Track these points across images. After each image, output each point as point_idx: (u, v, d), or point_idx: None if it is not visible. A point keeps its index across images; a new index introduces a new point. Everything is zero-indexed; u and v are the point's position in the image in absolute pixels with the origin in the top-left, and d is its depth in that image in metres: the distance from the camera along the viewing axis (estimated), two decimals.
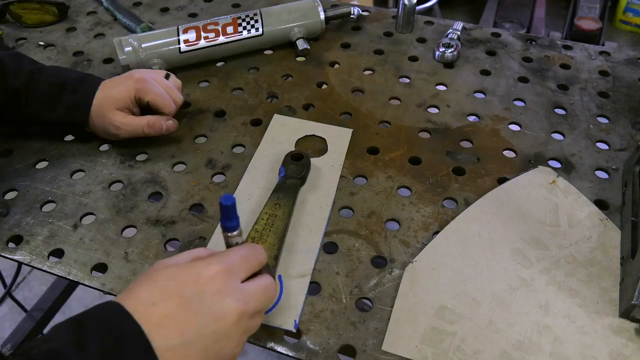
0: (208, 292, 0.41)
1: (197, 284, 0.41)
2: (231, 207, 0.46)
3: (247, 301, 0.43)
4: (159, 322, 0.39)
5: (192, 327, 0.40)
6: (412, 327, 0.54)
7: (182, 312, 0.40)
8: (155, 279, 0.42)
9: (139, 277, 0.43)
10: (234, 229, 0.47)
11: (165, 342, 0.39)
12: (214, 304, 0.41)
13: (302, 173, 0.67)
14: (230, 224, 0.47)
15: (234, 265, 0.44)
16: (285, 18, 0.88)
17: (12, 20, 0.98)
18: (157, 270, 0.43)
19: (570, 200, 0.65)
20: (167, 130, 0.72)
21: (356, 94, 0.83)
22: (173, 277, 0.42)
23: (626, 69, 0.86)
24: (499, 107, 0.79)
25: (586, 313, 0.55)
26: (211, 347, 0.41)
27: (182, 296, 0.41)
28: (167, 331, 0.39)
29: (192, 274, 0.42)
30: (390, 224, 0.64)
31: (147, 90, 0.70)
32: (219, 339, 0.41)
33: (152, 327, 0.39)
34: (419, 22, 0.97)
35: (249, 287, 0.44)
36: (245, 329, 0.44)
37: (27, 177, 0.70)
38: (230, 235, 0.47)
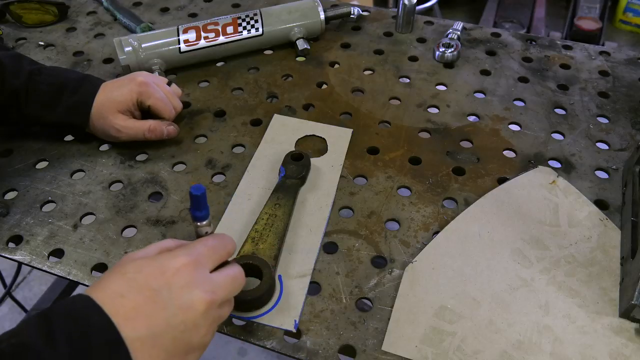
0: (175, 284, 0.42)
1: (164, 276, 0.42)
2: (201, 197, 0.47)
3: (215, 291, 0.44)
4: (127, 314, 0.39)
5: (160, 318, 0.41)
6: (412, 327, 0.54)
7: (151, 304, 0.40)
8: (124, 272, 0.42)
9: (108, 270, 0.43)
10: (203, 219, 0.48)
11: (134, 333, 0.39)
12: (182, 296, 0.42)
13: (302, 173, 0.67)
14: (199, 214, 0.48)
15: (201, 256, 0.45)
16: (285, 18, 0.88)
17: (12, 20, 0.98)
18: (125, 263, 0.43)
19: (570, 200, 0.65)
20: (167, 135, 0.72)
21: (356, 94, 0.83)
22: (140, 269, 0.42)
23: (626, 69, 0.86)
24: (499, 107, 0.79)
25: (586, 313, 0.55)
26: (180, 337, 0.41)
27: (150, 288, 0.41)
28: (136, 323, 0.39)
29: (159, 266, 0.43)
30: (390, 224, 0.64)
31: (149, 94, 0.70)
32: (188, 329, 0.42)
33: (121, 319, 0.39)
34: (419, 22, 0.97)
35: (216, 277, 0.45)
36: (214, 319, 0.44)
37: (27, 177, 0.70)
38: (200, 225, 0.48)
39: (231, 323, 0.55)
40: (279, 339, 0.54)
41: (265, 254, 0.58)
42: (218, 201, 0.67)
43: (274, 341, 0.54)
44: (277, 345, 0.53)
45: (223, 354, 1.50)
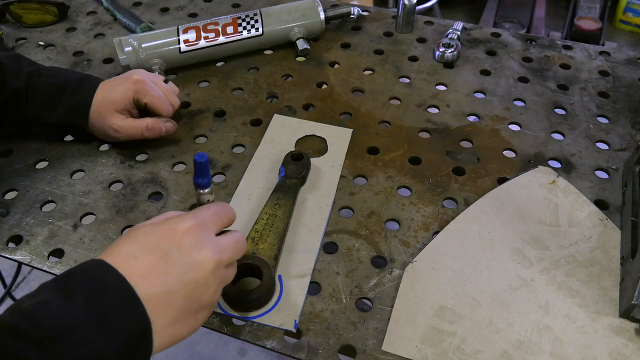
0: (185, 244, 0.44)
1: (174, 237, 0.44)
2: (204, 164, 0.49)
3: (221, 251, 0.46)
4: (141, 273, 0.41)
5: (172, 276, 0.42)
6: (412, 327, 0.54)
7: (163, 264, 0.42)
8: (134, 237, 0.44)
9: (117, 239, 0.45)
10: (205, 186, 0.50)
11: (149, 290, 0.41)
12: (192, 255, 0.44)
13: (302, 173, 0.67)
14: (202, 181, 0.49)
15: (206, 220, 0.47)
16: (285, 18, 0.88)
17: (12, 20, 0.98)
18: (134, 230, 0.45)
19: (570, 200, 0.65)
20: (166, 132, 0.72)
21: (356, 94, 0.83)
22: (151, 233, 0.44)
23: (626, 69, 0.86)
24: (499, 107, 0.80)
25: (586, 313, 0.55)
26: (191, 294, 0.43)
27: (161, 249, 0.43)
28: (150, 281, 0.41)
29: (168, 229, 0.44)
30: (390, 224, 0.64)
31: (146, 92, 0.70)
32: (199, 286, 0.44)
33: (136, 278, 0.40)
34: (419, 22, 0.97)
35: (222, 239, 0.47)
36: (221, 278, 0.47)
37: (27, 177, 0.70)
38: (202, 192, 0.50)
39: (231, 323, 0.55)
40: (279, 339, 0.54)
41: (265, 254, 0.58)
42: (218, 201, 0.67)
43: (274, 341, 0.54)
44: (277, 345, 0.53)
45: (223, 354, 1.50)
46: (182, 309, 0.43)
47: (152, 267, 0.42)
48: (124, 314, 0.39)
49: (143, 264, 0.42)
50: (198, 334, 1.61)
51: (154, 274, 0.42)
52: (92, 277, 0.40)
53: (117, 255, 0.42)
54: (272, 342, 0.54)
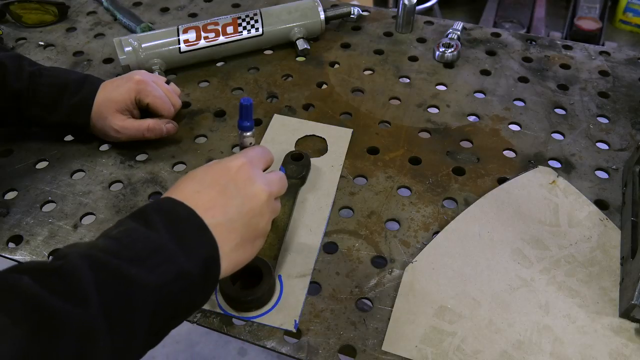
0: (239, 179, 0.49)
1: (229, 174, 0.49)
2: (249, 107, 0.53)
3: (270, 185, 0.51)
4: (205, 205, 0.46)
5: (232, 207, 0.47)
6: (412, 327, 0.54)
7: (223, 196, 0.47)
8: (193, 176, 0.49)
9: (176, 183, 0.49)
10: (249, 129, 0.54)
11: (214, 220, 0.45)
12: (246, 188, 0.49)
13: (302, 173, 0.67)
14: (247, 124, 0.54)
15: (254, 158, 0.52)
16: (285, 18, 0.88)
17: (12, 20, 0.98)
18: (191, 172, 0.50)
19: (570, 200, 0.65)
20: (167, 132, 0.73)
21: (356, 94, 0.83)
22: (207, 172, 0.49)
23: (626, 69, 0.86)
24: (499, 107, 0.80)
25: (586, 313, 0.55)
26: (249, 222, 0.48)
27: (219, 184, 0.48)
28: (214, 212, 0.46)
29: (222, 167, 0.50)
30: (390, 224, 0.64)
31: (148, 93, 0.70)
32: (255, 215, 0.49)
33: (201, 210, 0.45)
34: (419, 22, 0.97)
35: (269, 175, 0.53)
36: (272, 209, 0.52)
37: (27, 177, 0.70)
38: (246, 135, 0.54)
39: (231, 323, 0.55)
40: (279, 339, 0.54)
41: (265, 254, 0.58)
42: None
43: (274, 341, 0.54)
44: (277, 345, 0.53)
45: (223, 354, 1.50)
46: (243, 236, 0.48)
47: (214, 200, 0.46)
48: (198, 239, 0.44)
49: (206, 198, 0.46)
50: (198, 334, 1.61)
51: (216, 206, 0.46)
52: (166, 211, 0.44)
53: (181, 192, 0.47)
54: (272, 342, 0.54)
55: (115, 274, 0.38)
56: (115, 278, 0.38)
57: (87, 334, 0.35)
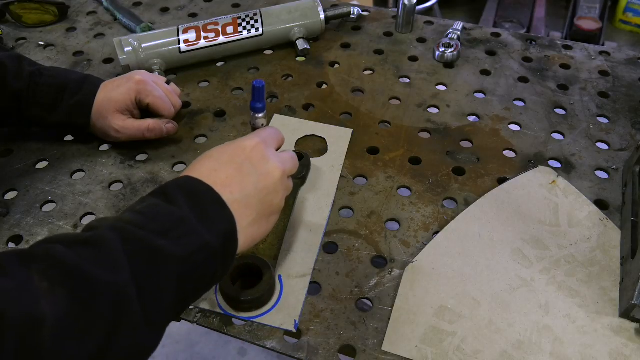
0: (254, 157, 0.51)
1: (244, 152, 0.51)
2: (261, 89, 0.54)
3: (284, 163, 0.53)
4: (223, 182, 0.47)
5: (248, 184, 0.49)
6: (412, 327, 0.54)
7: (239, 174, 0.49)
8: (209, 156, 0.50)
9: (193, 162, 0.50)
10: (261, 111, 0.56)
11: (231, 196, 0.47)
12: (261, 166, 0.51)
13: (302, 173, 0.67)
14: (259, 105, 0.55)
15: (267, 138, 0.54)
16: (285, 18, 0.88)
17: (12, 20, 0.98)
18: (207, 152, 0.51)
19: (570, 200, 0.65)
20: (167, 133, 0.73)
21: (356, 94, 0.83)
22: (223, 152, 0.51)
23: (626, 69, 0.86)
24: (499, 107, 0.80)
25: (586, 313, 0.55)
26: (265, 199, 0.50)
27: (235, 162, 0.49)
28: (231, 188, 0.47)
29: (237, 146, 0.51)
30: (390, 224, 0.64)
31: (148, 93, 0.70)
32: (270, 192, 0.50)
33: (219, 187, 0.47)
34: (419, 22, 0.97)
35: (282, 154, 0.54)
36: (285, 187, 0.53)
37: (27, 177, 0.70)
38: (258, 116, 0.56)
39: (231, 323, 0.55)
40: (279, 339, 0.54)
41: (265, 254, 0.58)
42: None
43: (274, 341, 0.54)
44: (277, 345, 0.53)
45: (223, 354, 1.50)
46: (259, 211, 0.49)
47: (231, 177, 0.48)
48: (217, 214, 0.46)
49: (223, 175, 0.48)
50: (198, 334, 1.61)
51: (233, 183, 0.48)
52: (185, 188, 0.46)
53: (198, 170, 0.48)
54: (272, 342, 0.54)
55: (144, 244, 0.40)
56: (144, 248, 0.40)
57: (120, 299, 0.37)
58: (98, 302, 0.36)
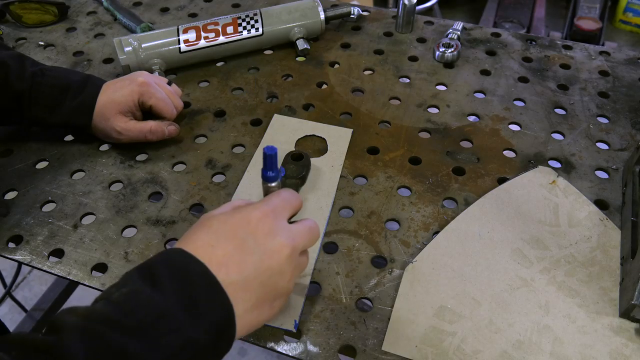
0: (260, 232, 0.45)
1: (249, 226, 0.45)
2: (273, 157, 0.50)
3: (295, 238, 0.46)
4: (219, 261, 0.42)
5: (249, 264, 0.43)
6: (412, 327, 0.54)
7: (239, 252, 0.43)
8: (209, 226, 0.45)
9: (191, 229, 0.46)
10: (274, 180, 0.51)
11: (227, 278, 0.41)
12: (267, 243, 0.44)
13: (302, 173, 0.67)
14: (271, 174, 0.51)
15: (278, 207, 0.47)
16: (285, 18, 0.88)
17: (12, 20, 0.98)
18: (207, 219, 0.46)
19: (570, 200, 0.65)
20: (169, 135, 0.73)
21: (356, 94, 0.83)
22: (225, 222, 0.45)
23: (626, 69, 0.86)
24: (499, 107, 0.80)
25: (586, 313, 0.55)
26: (267, 281, 0.44)
27: (237, 237, 0.44)
28: (228, 269, 0.42)
29: (242, 217, 0.45)
30: (390, 224, 0.64)
31: (151, 95, 0.70)
32: (274, 273, 0.44)
33: (214, 266, 0.41)
34: (419, 22, 0.97)
35: (295, 227, 0.48)
36: (296, 265, 0.47)
37: (27, 177, 0.70)
38: (270, 185, 0.52)
39: None
40: (279, 339, 0.54)
41: None
42: (218, 201, 0.67)
43: (273, 341, 0.54)
44: (277, 345, 0.53)
45: None
46: (259, 296, 0.44)
47: (229, 256, 0.43)
48: (210, 300, 0.40)
49: (220, 252, 0.43)
50: None
51: (231, 262, 0.42)
52: (176, 266, 0.41)
53: (194, 243, 0.43)
54: (272, 342, 0.54)
55: (113, 351, 0.35)
56: (113, 356, 0.35)
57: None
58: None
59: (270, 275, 0.44)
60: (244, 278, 0.43)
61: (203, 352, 0.39)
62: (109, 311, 0.37)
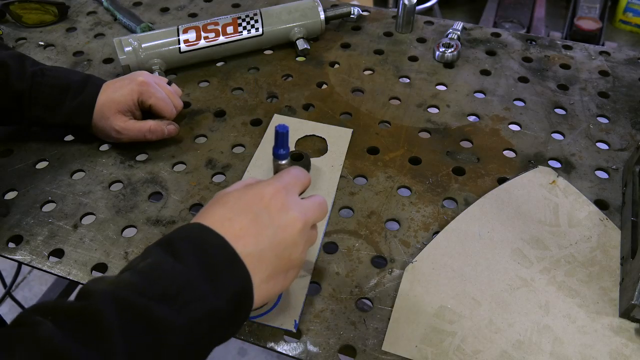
0: (273, 207, 0.46)
1: (262, 201, 0.46)
2: (285, 135, 0.51)
3: (306, 212, 0.48)
4: (236, 234, 0.44)
5: (264, 237, 0.45)
6: (412, 327, 0.54)
7: (255, 225, 0.45)
8: (224, 202, 0.46)
9: (206, 206, 0.47)
10: (284, 157, 0.53)
11: (244, 249, 0.43)
12: (280, 217, 0.46)
13: None
14: (282, 152, 0.52)
15: (289, 184, 0.49)
16: (285, 18, 0.88)
17: (12, 20, 0.98)
18: (221, 196, 0.48)
19: (570, 200, 0.65)
20: (168, 134, 0.73)
21: (356, 94, 0.83)
22: (239, 198, 0.47)
23: (626, 69, 0.86)
24: (499, 107, 0.80)
25: (586, 313, 0.55)
26: (282, 253, 0.46)
27: (252, 212, 0.45)
28: (245, 241, 0.44)
29: (255, 193, 0.47)
30: (390, 224, 0.64)
31: (150, 94, 0.70)
32: (288, 246, 0.46)
33: (232, 239, 0.43)
34: (419, 22, 0.97)
35: (306, 202, 0.50)
36: (307, 238, 0.49)
37: (27, 177, 0.70)
38: (281, 163, 0.53)
39: None
40: (279, 339, 0.54)
41: None
42: None
43: (273, 341, 0.54)
44: (277, 345, 0.53)
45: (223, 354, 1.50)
46: (275, 267, 0.45)
47: (246, 229, 0.44)
48: (229, 271, 0.42)
49: (237, 226, 0.44)
50: None
51: (247, 235, 0.44)
52: (195, 239, 0.43)
53: (211, 218, 0.45)
54: (272, 342, 0.54)
55: (143, 316, 0.37)
56: (143, 321, 0.37)
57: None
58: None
59: (284, 248, 0.46)
60: (260, 250, 0.44)
61: (224, 320, 0.41)
62: (136, 280, 0.39)
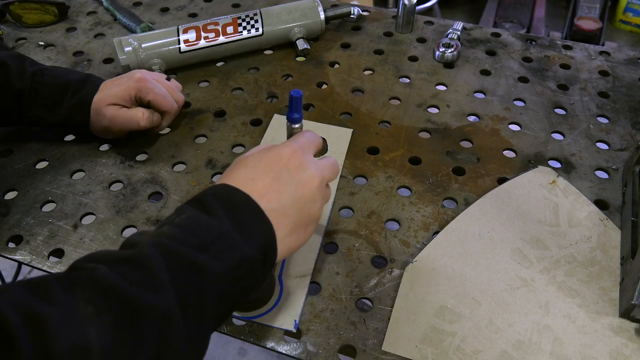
0: (292, 166, 0.49)
1: (281, 161, 0.49)
2: (299, 99, 0.53)
3: (322, 170, 0.52)
4: (260, 192, 0.47)
5: (286, 194, 0.48)
6: (412, 327, 0.54)
7: (276, 183, 0.48)
8: (245, 164, 0.49)
9: (227, 170, 0.50)
10: (298, 121, 0.55)
11: (268, 205, 0.46)
12: (299, 174, 0.49)
13: None
14: (296, 116, 0.54)
15: (305, 145, 0.52)
16: (285, 18, 0.88)
17: (12, 20, 0.98)
18: (241, 159, 0.50)
19: (570, 200, 0.65)
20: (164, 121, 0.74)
21: (356, 94, 0.83)
22: (260, 160, 0.49)
23: (626, 69, 0.86)
24: (499, 107, 0.80)
25: (586, 313, 0.55)
26: (302, 208, 0.49)
27: (273, 171, 0.48)
28: (268, 198, 0.47)
29: (274, 155, 0.50)
30: (390, 224, 0.64)
31: (148, 90, 0.70)
32: (308, 201, 0.49)
33: (256, 196, 0.46)
34: (419, 22, 0.97)
35: (321, 161, 0.53)
36: (324, 195, 0.52)
37: (27, 177, 0.70)
38: (294, 127, 0.55)
39: (231, 323, 0.55)
40: (279, 339, 0.54)
41: None
42: None
43: (273, 341, 0.54)
44: (277, 345, 0.53)
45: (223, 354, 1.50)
46: (296, 221, 0.48)
47: (268, 187, 0.47)
48: (256, 224, 0.45)
49: (260, 184, 0.47)
50: None
51: (270, 192, 0.47)
52: (223, 197, 0.46)
53: (235, 179, 0.48)
54: (272, 342, 0.54)
55: (185, 262, 0.40)
56: (186, 265, 0.40)
57: (165, 322, 0.37)
58: (144, 327, 0.36)
59: (304, 203, 0.49)
60: (282, 206, 0.47)
61: (254, 268, 0.44)
62: (175, 232, 0.42)
